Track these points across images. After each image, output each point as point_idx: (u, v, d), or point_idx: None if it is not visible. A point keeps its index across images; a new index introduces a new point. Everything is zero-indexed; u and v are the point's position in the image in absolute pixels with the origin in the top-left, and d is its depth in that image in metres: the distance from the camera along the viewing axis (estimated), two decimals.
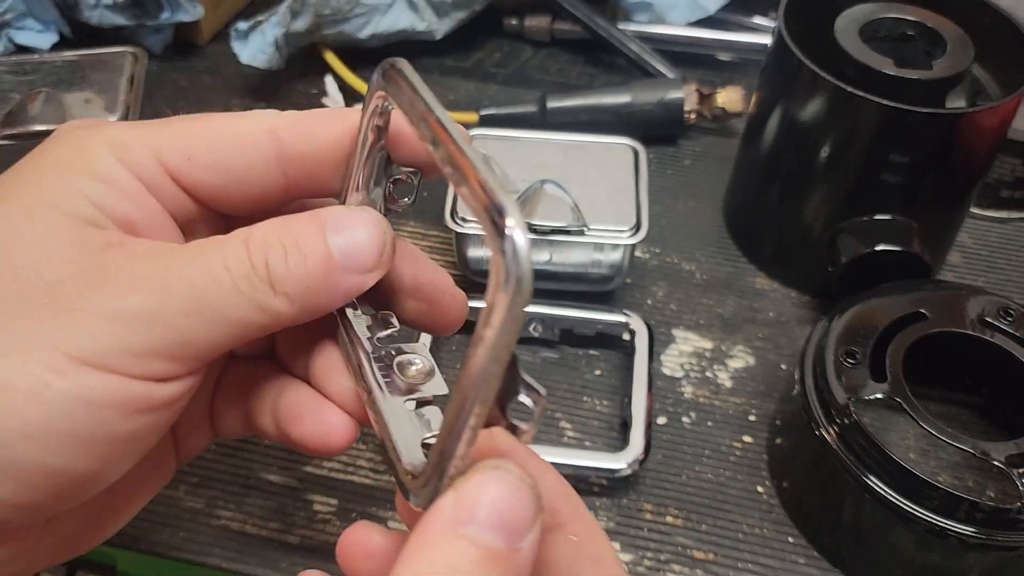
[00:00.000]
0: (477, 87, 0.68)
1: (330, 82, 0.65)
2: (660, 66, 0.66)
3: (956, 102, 0.50)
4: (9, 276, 0.24)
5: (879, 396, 0.40)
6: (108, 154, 0.26)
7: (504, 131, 0.55)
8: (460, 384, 0.21)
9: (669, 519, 0.43)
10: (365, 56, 0.68)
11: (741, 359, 0.50)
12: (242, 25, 0.62)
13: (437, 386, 0.28)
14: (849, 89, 0.46)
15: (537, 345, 0.50)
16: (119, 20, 0.64)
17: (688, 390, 0.49)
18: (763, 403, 0.48)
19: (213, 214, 0.29)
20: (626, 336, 0.49)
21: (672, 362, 0.50)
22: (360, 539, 0.27)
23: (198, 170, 0.27)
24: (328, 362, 0.29)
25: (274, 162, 0.27)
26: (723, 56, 0.70)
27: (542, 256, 0.51)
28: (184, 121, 0.28)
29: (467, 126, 0.61)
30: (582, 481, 0.44)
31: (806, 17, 0.50)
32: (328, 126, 0.28)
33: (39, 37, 0.66)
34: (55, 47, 0.66)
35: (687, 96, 0.62)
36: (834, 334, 0.43)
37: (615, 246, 0.50)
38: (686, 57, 0.68)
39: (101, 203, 0.25)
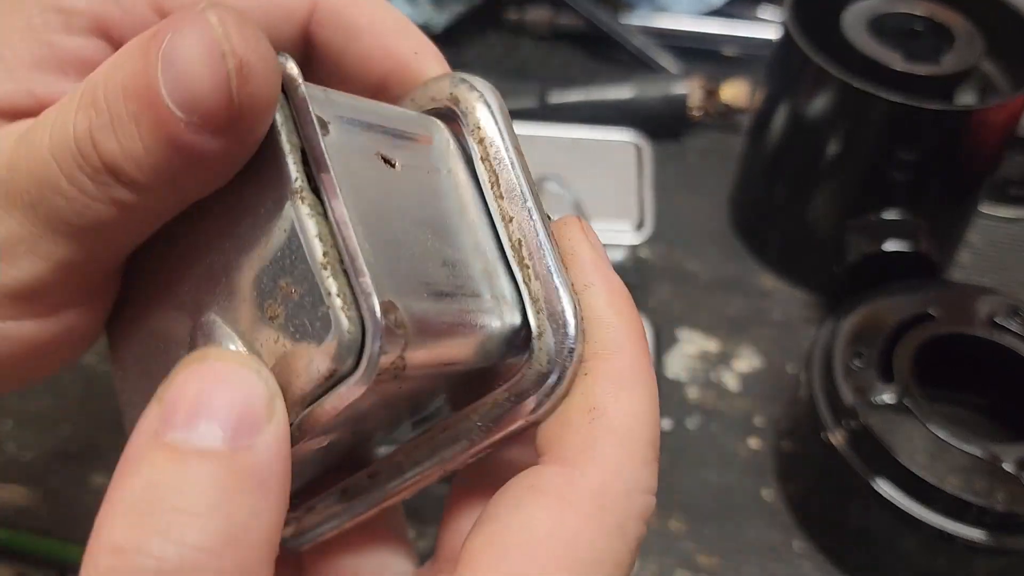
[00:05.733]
0: None
1: None
2: (663, 61, 0.65)
3: (965, 98, 0.49)
4: None
5: (887, 398, 0.40)
6: None
7: None
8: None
9: (673, 524, 0.43)
10: None
11: (747, 360, 0.50)
12: None
13: None
14: (856, 84, 0.45)
15: None
16: None
17: (693, 393, 0.48)
18: (769, 406, 0.48)
19: None
20: None
21: (677, 364, 0.49)
22: None
23: None
24: None
25: None
26: (727, 51, 0.69)
27: None
28: None
29: None
30: None
31: (813, 11, 0.50)
32: None
33: None
34: None
35: (691, 92, 0.61)
36: (841, 335, 0.42)
37: (618, 245, 0.49)
38: (690, 52, 0.68)
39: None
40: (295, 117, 0.19)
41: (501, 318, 0.20)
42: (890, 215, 0.48)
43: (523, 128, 0.54)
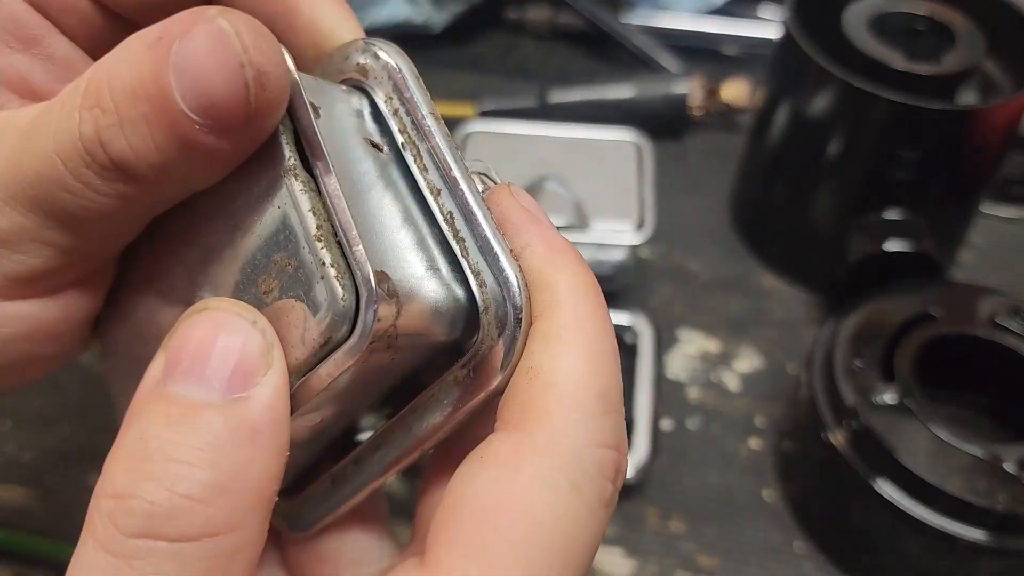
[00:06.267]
0: (476, 81, 0.67)
1: None
2: (664, 60, 0.65)
3: (966, 97, 0.49)
4: None
5: (888, 399, 0.40)
6: None
7: (504, 124, 0.54)
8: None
9: (673, 525, 0.43)
10: None
11: (748, 361, 0.49)
12: None
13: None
14: (857, 84, 0.45)
15: None
16: None
17: (693, 393, 0.48)
18: (770, 406, 0.47)
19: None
20: (629, 338, 0.48)
21: (677, 364, 0.49)
22: None
23: None
24: None
25: None
26: (728, 50, 0.69)
27: None
28: None
29: (465, 120, 0.60)
30: None
31: (814, 10, 0.50)
32: None
33: None
34: None
35: (692, 91, 0.61)
36: (842, 335, 0.42)
37: (618, 245, 0.49)
38: (690, 51, 0.67)
39: None
40: (290, 100, 0.19)
41: (453, 294, 0.20)
42: (891, 215, 0.48)
43: (523, 128, 0.54)
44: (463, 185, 0.20)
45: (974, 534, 0.37)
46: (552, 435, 0.18)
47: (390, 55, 0.21)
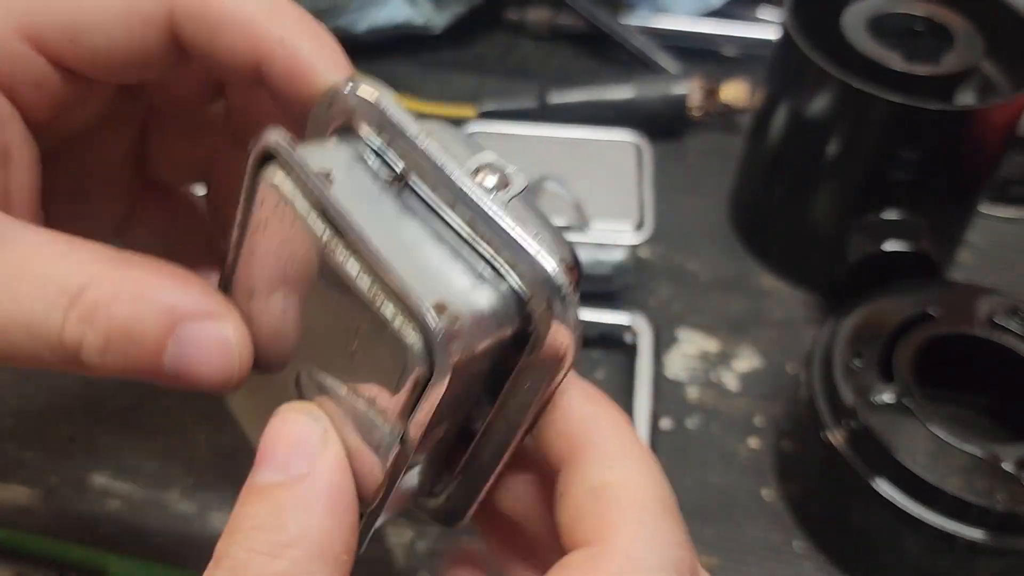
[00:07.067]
0: (476, 81, 0.67)
1: None
2: (663, 61, 0.65)
3: (965, 98, 0.49)
4: None
5: (887, 398, 0.40)
6: None
7: (504, 125, 0.54)
8: None
9: None
10: (363, 51, 0.67)
11: (747, 360, 0.50)
12: None
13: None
14: (856, 85, 0.45)
15: None
16: None
17: (693, 392, 0.48)
18: (769, 406, 0.47)
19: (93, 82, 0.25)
20: (629, 337, 0.49)
21: (676, 364, 0.49)
22: None
23: (82, 51, 0.24)
24: None
25: (165, 34, 0.24)
26: (727, 51, 0.69)
27: None
28: None
29: (465, 121, 0.60)
30: None
31: (812, 11, 0.50)
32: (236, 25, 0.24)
33: None
34: None
35: (691, 92, 0.61)
36: (841, 335, 0.42)
37: (618, 245, 0.49)
38: (689, 52, 0.67)
39: None
40: (301, 181, 0.21)
41: (500, 291, 0.22)
42: (890, 215, 0.48)
43: (523, 128, 0.54)
44: (472, 192, 0.22)
45: (973, 533, 0.37)
46: (626, 540, 0.21)
47: (367, 92, 0.23)
